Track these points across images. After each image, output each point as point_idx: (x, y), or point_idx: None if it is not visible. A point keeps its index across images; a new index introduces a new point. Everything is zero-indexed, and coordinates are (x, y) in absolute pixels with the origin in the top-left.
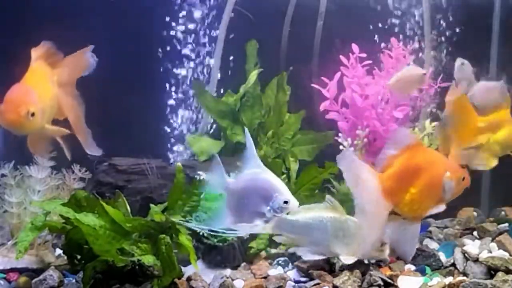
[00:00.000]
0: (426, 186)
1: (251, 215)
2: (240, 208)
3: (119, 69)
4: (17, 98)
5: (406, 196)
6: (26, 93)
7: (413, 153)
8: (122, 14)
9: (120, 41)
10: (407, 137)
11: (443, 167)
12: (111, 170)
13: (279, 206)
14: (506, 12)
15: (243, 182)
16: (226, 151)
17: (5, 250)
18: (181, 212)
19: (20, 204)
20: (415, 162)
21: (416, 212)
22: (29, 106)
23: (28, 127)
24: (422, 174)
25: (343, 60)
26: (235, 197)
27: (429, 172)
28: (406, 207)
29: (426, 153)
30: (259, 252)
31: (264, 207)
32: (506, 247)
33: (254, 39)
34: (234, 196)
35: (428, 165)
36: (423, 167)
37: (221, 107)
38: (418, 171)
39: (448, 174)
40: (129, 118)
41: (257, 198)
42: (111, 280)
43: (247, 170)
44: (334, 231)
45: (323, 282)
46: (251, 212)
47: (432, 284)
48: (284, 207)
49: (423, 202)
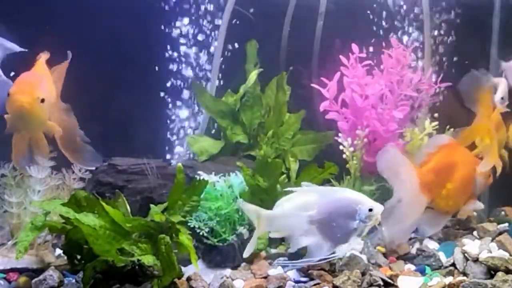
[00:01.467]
0: (461, 182)
1: (344, 235)
2: (332, 233)
3: (119, 69)
4: (30, 81)
5: (443, 191)
6: (38, 78)
7: (450, 150)
8: (122, 14)
9: (120, 41)
10: (444, 138)
11: (475, 164)
12: (111, 170)
13: (366, 216)
14: (506, 12)
15: (324, 209)
16: (226, 151)
17: (5, 250)
18: (181, 212)
19: (20, 204)
20: (452, 159)
21: (451, 207)
22: (41, 91)
23: (36, 113)
24: (458, 171)
25: (343, 60)
26: (323, 226)
27: (464, 169)
28: (442, 202)
29: (461, 151)
30: (259, 252)
31: (353, 222)
32: (506, 247)
33: (254, 39)
34: (322, 225)
35: (463, 162)
36: (459, 164)
37: (221, 107)
38: (455, 167)
39: (479, 171)
40: (129, 118)
41: (343, 218)
42: (111, 280)
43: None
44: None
45: (323, 282)
46: (344, 233)
47: (432, 284)
48: (371, 215)
49: (458, 197)
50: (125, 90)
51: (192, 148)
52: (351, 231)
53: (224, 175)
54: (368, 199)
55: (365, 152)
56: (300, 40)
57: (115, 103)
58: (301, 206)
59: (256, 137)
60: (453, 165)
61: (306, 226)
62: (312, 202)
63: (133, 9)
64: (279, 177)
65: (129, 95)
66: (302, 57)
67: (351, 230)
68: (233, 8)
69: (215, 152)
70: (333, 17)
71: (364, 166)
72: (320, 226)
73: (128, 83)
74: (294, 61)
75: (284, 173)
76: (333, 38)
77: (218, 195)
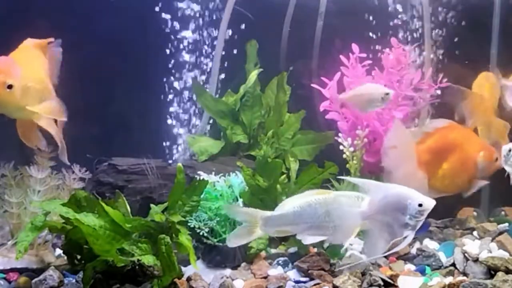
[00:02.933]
0: (458, 163)
1: (397, 231)
2: (385, 228)
3: (119, 69)
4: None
5: (439, 171)
6: (6, 64)
7: (449, 130)
8: (121, 13)
9: (120, 41)
10: (444, 121)
11: (478, 147)
12: (111, 170)
13: (416, 212)
14: (506, 12)
15: (375, 205)
16: (226, 151)
17: (5, 250)
18: (181, 212)
19: (20, 204)
20: (451, 139)
21: (447, 188)
22: (8, 77)
23: (4, 100)
24: (456, 151)
25: (343, 60)
26: (376, 222)
27: (463, 149)
28: (438, 182)
29: (462, 132)
30: (259, 252)
31: (404, 218)
32: (506, 247)
33: (254, 39)
34: (375, 221)
35: (463, 143)
36: (458, 144)
37: (221, 107)
38: (453, 147)
39: (482, 154)
40: (129, 118)
41: (394, 214)
42: (111, 280)
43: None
44: (325, 212)
45: (323, 282)
46: (396, 229)
47: (432, 284)
48: (422, 210)
49: (454, 178)
50: (125, 90)
51: (192, 148)
52: (404, 226)
53: (224, 175)
54: (418, 194)
55: (365, 152)
56: (300, 40)
57: (115, 103)
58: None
59: (256, 137)
60: (452, 144)
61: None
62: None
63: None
64: (279, 177)
65: (129, 95)
66: (302, 57)
67: (403, 225)
68: (233, 8)
69: (215, 152)
70: (333, 17)
71: (364, 166)
72: (373, 222)
73: (128, 83)
74: (294, 61)
75: (284, 173)
76: (333, 38)
77: (218, 195)
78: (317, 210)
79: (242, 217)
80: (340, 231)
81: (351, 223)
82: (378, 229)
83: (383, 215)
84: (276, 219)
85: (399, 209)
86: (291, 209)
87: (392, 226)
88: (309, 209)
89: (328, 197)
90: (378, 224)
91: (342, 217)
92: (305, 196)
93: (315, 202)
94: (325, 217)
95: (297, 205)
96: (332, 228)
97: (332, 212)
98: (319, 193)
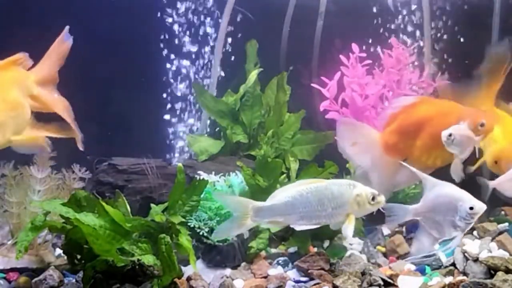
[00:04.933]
0: (431, 137)
1: (447, 231)
2: (435, 227)
3: (120, 69)
4: None
5: (414, 151)
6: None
7: (414, 108)
8: (121, 13)
9: (120, 40)
10: (409, 98)
11: (454, 116)
12: (111, 170)
13: (466, 214)
14: (506, 12)
15: (428, 202)
16: (226, 151)
17: (5, 250)
18: (181, 212)
19: (20, 204)
20: (417, 116)
21: (427, 163)
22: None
23: None
24: (426, 126)
25: (343, 60)
26: (427, 219)
27: (434, 123)
28: (416, 162)
29: (432, 106)
30: (259, 252)
31: (455, 219)
32: (506, 246)
33: (254, 39)
34: (426, 218)
35: (433, 116)
36: (427, 119)
37: (221, 107)
38: (421, 123)
39: (462, 123)
40: (130, 118)
41: (445, 213)
42: (111, 280)
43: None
44: (318, 200)
45: (323, 282)
46: (446, 229)
47: (432, 284)
48: (473, 213)
49: (431, 153)
50: (125, 89)
51: (192, 148)
52: (452, 227)
53: (224, 175)
54: (470, 197)
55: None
56: (300, 40)
57: (115, 103)
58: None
59: (256, 137)
60: (419, 121)
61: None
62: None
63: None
64: (279, 177)
65: (129, 94)
66: (302, 57)
67: (452, 226)
68: (233, 8)
69: (215, 152)
70: (333, 17)
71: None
72: (424, 219)
73: (129, 82)
74: (294, 61)
75: (284, 173)
76: (333, 38)
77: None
78: (309, 199)
79: (234, 206)
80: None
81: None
82: (428, 226)
83: (434, 213)
84: (267, 210)
85: (450, 209)
86: (282, 199)
87: (441, 225)
88: (301, 199)
89: (320, 186)
90: (429, 222)
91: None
92: (297, 185)
93: (307, 191)
94: (317, 206)
95: (289, 195)
96: (325, 217)
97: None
98: (311, 182)
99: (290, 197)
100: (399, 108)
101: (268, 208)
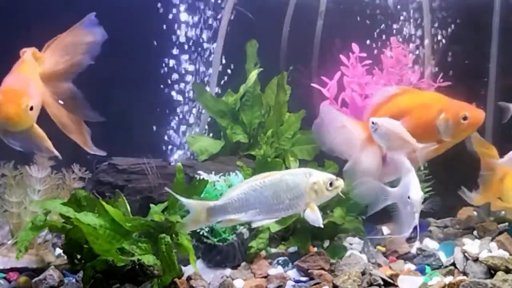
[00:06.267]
0: (411, 128)
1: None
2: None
3: (120, 68)
4: (17, 88)
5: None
6: (26, 84)
7: (399, 97)
8: (121, 12)
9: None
10: (393, 88)
11: (435, 108)
12: (111, 170)
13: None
14: (506, 12)
15: (402, 188)
16: (226, 151)
17: (5, 250)
18: (181, 212)
19: (20, 204)
20: (398, 106)
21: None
22: (29, 98)
23: (24, 121)
24: (410, 117)
25: (343, 60)
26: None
27: (415, 115)
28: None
29: (414, 97)
30: (259, 251)
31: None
32: (506, 246)
33: (254, 39)
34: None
35: (414, 108)
36: (407, 111)
37: (221, 106)
38: (402, 114)
39: (443, 115)
40: (130, 117)
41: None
42: (111, 279)
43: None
44: (273, 194)
45: (323, 282)
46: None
47: (432, 284)
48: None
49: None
50: (125, 89)
51: (192, 148)
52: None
53: (224, 175)
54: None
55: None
56: (300, 40)
57: (115, 103)
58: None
59: (256, 136)
60: (400, 112)
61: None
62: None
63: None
64: None
65: (129, 94)
66: (302, 57)
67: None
68: (233, 8)
69: (215, 151)
70: (333, 16)
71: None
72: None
73: (129, 82)
74: (294, 61)
75: None
76: (333, 38)
77: (218, 195)
78: (264, 194)
79: (191, 208)
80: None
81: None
82: (403, 210)
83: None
84: (221, 208)
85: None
86: (235, 196)
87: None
88: (255, 194)
89: (274, 178)
90: (404, 206)
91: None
92: (252, 180)
93: (261, 186)
94: (273, 200)
95: (242, 191)
96: (283, 209)
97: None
98: (266, 176)
99: (243, 193)
100: (382, 99)
101: (221, 207)
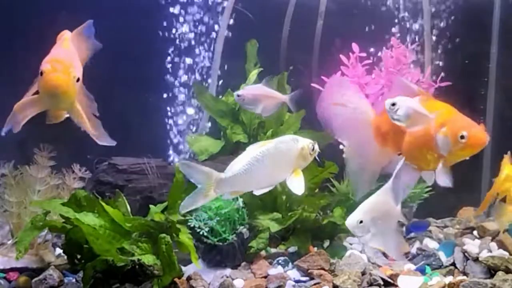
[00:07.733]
0: (415, 138)
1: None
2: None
3: (120, 68)
4: (64, 59)
5: (405, 145)
6: (72, 56)
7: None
8: (122, 12)
9: (120, 40)
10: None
11: (438, 121)
12: (111, 170)
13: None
14: (506, 12)
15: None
16: (226, 151)
17: (5, 250)
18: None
19: (20, 204)
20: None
21: (414, 161)
22: (75, 70)
23: (72, 93)
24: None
25: (343, 60)
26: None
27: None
28: (406, 156)
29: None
30: (259, 251)
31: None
32: (506, 246)
33: (254, 39)
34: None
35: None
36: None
37: (221, 106)
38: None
39: (444, 129)
40: (130, 117)
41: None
42: (111, 279)
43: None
44: (271, 162)
45: (323, 282)
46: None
47: (432, 284)
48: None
49: (418, 152)
50: (125, 89)
51: (192, 148)
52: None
53: None
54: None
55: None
56: (300, 40)
57: (115, 103)
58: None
59: (256, 136)
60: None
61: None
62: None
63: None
64: None
65: (129, 94)
66: (302, 57)
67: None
68: (233, 7)
69: (215, 151)
70: (333, 16)
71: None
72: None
73: (129, 82)
74: (294, 61)
75: None
76: (333, 38)
77: (218, 195)
78: (265, 163)
79: (198, 176)
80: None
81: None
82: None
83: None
84: (230, 180)
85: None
86: (242, 169)
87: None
88: (258, 164)
89: (271, 147)
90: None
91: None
92: (250, 152)
93: (262, 155)
94: (272, 168)
95: (247, 162)
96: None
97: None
98: (261, 146)
99: (249, 164)
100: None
101: (230, 179)
